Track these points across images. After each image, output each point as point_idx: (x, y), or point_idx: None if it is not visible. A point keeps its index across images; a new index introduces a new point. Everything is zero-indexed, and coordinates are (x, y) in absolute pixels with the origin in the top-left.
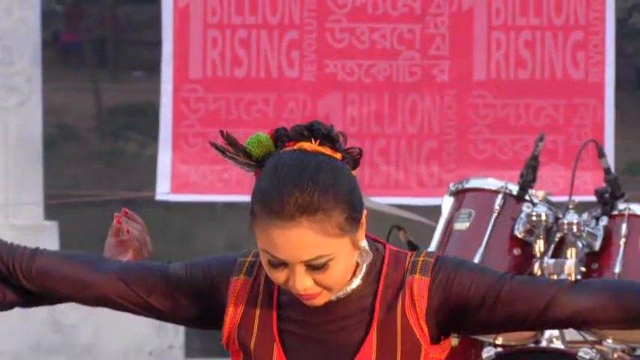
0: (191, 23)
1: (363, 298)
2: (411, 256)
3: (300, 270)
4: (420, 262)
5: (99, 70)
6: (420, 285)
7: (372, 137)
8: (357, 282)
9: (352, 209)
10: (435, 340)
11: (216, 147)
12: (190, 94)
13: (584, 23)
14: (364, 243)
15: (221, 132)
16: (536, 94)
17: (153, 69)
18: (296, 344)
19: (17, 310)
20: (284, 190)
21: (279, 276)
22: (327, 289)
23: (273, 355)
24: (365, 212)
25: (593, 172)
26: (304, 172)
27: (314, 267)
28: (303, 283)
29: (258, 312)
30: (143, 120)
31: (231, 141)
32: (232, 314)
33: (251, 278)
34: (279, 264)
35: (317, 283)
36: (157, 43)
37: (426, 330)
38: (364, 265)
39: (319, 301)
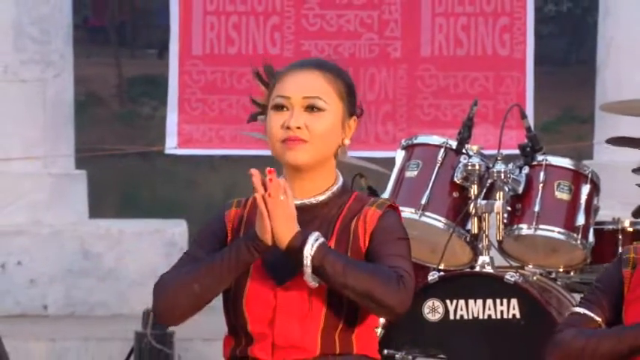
0: (193, 10)
1: (329, 213)
2: (371, 198)
3: (299, 109)
4: (377, 201)
5: (119, 48)
6: (372, 214)
7: None
8: (328, 194)
9: (352, 96)
10: None
11: (259, 78)
12: (193, 67)
13: (509, 10)
14: (347, 142)
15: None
16: (471, 67)
17: (163, 47)
18: (272, 250)
19: (52, 241)
20: (306, 59)
21: (279, 118)
22: (311, 141)
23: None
24: (355, 119)
25: (517, 130)
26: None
27: (311, 107)
28: (298, 120)
29: (242, 230)
30: (155, 88)
31: (268, 69)
32: (230, 238)
33: (240, 208)
34: (283, 105)
35: (307, 126)
36: (166, 26)
37: (367, 242)
38: (336, 186)
39: (301, 155)
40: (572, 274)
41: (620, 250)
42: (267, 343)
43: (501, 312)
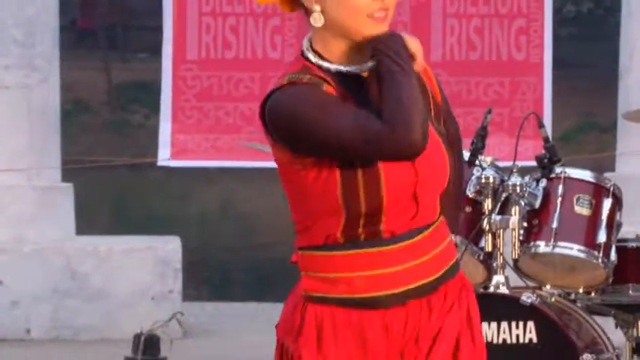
0: (188, 11)
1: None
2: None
3: None
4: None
5: (109, 51)
6: (427, 67)
7: None
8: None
9: None
10: None
11: None
12: (187, 72)
13: (525, 12)
14: None
15: None
16: (484, 72)
17: (155, 51)
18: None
19: (36, 259)
20: None
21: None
22: (389, 12)
23: None
24: None
25: (534, 140)
26: None
27: None
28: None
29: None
30: (147, 95)
31: None
32: None
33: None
34: None
35: (392, 5)
36: (159, 29)
37: (439, 98)
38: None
39: (385, 28)
40: (592, 294)
41: None
42: (404, 219)
43: (517, 336)
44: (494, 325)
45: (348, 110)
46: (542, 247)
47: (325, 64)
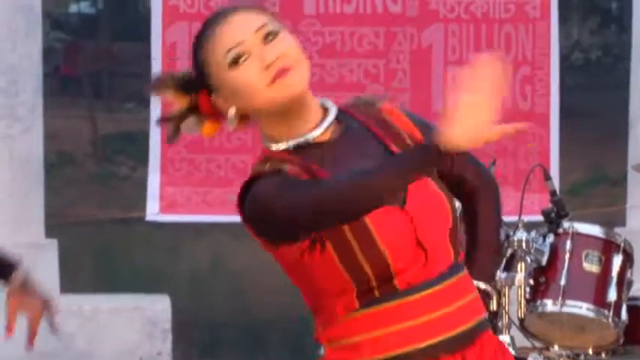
0: (178, 58)
1: (353, 126)
2: (362, 98)
3: (259, 45)
4: (376, 97)
5: (95, 100)
6: (392, 106)
7: None
8: (334, 111)
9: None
10: None
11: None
12: None
13: (531, 59)
14: None
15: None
16: None
17: (143, 99)
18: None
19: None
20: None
21: (248, 68)
22: (293, 64)
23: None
24: None
25: (540, 194)
26: None
27: (267, 36)
28: (271, 53)
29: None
30: (134, 146)
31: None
32: None
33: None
34: (240, 55)
35: (282, 54)
36: (147, 76)
37: (419, 135)
38: (334, 107)
39: (296, 79)
40: (603, 355)
41: None
42: (417, 268)
43: None
44: None
45: (298, 185)
46: (549, 305)
47: (277, 146)
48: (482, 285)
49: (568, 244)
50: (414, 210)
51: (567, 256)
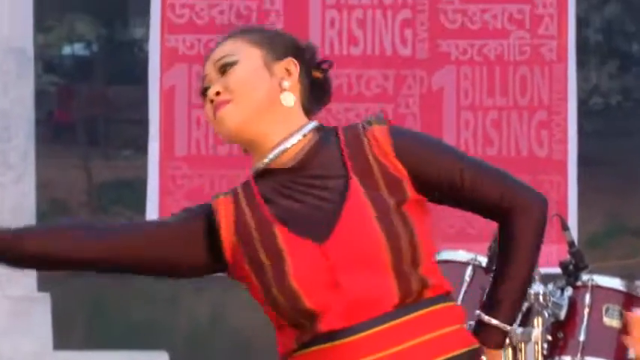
0: (176, 103)
1: (328, 152)
2: (359, 123)
3: (216, 79)
4: (371, 119)
5: (90, 147)
6: (380, 131)
7: None
8: (297, 137)
9: (274, 40)
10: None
11: None
12: (176, 170)
13: (547, 104)
14: (286, 84)
15: None
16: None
17: (140, 147)
18: (292, 215)
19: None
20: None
21: (205, 101)
22: (233, 98)
23: (277, 237)
24: (293, 61)
25: (558, 244)
26: None
27: (223, 68)
28: (215, 87)
29: (248, 212)
30: (131, 195)
31: None
32: (226, 226)
33: (230, 194)
34: (205, 88)
35: (226, 87)
36: (144, 122)
37: (400, 166)
38: (309, 126)
39: (228, 116)
40: None
41: None
42: (337, 310)
43: None
44: None
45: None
46: None
47: (252, 171)
48: (494, 321)
49: (587, 298)
50: (334, 248)
51: (586, 310)
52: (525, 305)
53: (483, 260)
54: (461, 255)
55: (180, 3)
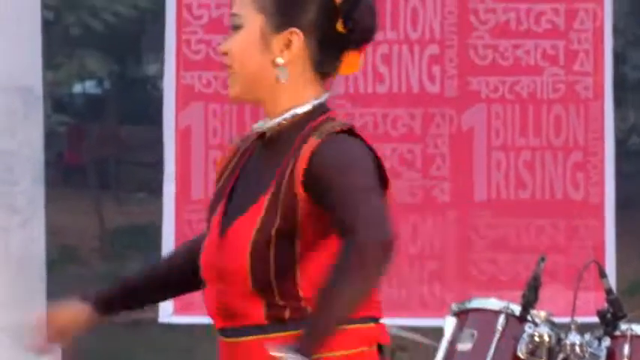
0: (193, 143)
1: (286, 143)
2: (329, 123)
3: (229, 31)
4: (326, 126)
5: (101, 190)
6: (308, 147)
7: None
8: (277, 120)
9: (285, 6)
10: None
11: None
12: (192, 214)
13: (583, 144)
14: (280, 61)
15: None
16: (536, 214)
17: (155, 189)
18: (236, 191)
19: None
20: None
21: None
22: (231, 62)
23: (216, 210)
24: (295, 32)
25: (595, 292)
26: None
27: (233, 29)
28: (223, 46)
29: (232, 163)
30: (145, 241)
31: None
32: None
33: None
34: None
35: (228, 50)
36: (159, 164)
37: (302, 193)
38: (295, 111)
39: (232, 88)
40: None
41: None
42: (214, 308)
43: None
44: None
45: None
46: None
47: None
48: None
49: (626, 349)
50: (221, 247)
51: None
52: (561, 356)
53: (516, 309)
54: (492, 303)
55: (196, 38)
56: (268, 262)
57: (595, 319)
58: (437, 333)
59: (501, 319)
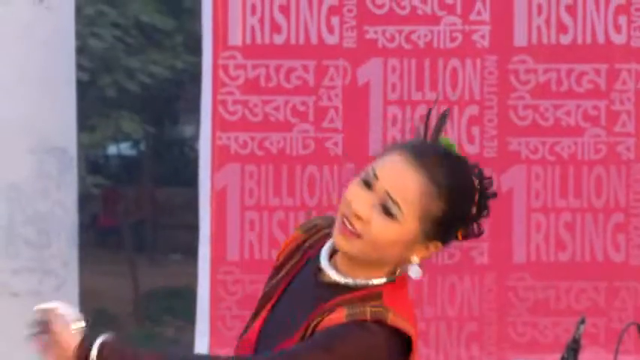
0: (228, 205)
1: (329, 291)
2: (379, 297)
3: (374, 199)
4: (363, 308)
5: (136, 253)
6: (334, 319)
7: None
8: (358, 284)
9: (444, 224)
10: None
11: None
12: (227, 276)
13: (624, 206)
14: (415, 261)
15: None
16: (576, 276)
17: (190, 252)
18: (286, 299)
19: None
20: (428, 146)
21: (354, 193)
22: (364, 238)
23: (261, 314)
24: (439, 246)
25: (636, 355)
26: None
27: (383, 209)
28: (364, 209)
29: (291, 262)
30: (180, 304)
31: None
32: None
33: (304, 234)
34: (369, 185)
35: (369, 222)
36: (194, 226)
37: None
38: (370, 282)
39: (348, 244)
40: None
41: None
42: None
43: None
44: None
45: None
46: None
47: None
48: None
49: None
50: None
51: None
52: None
53: None
54: None
55: (232, 99)
56: None
57: None
58: None
59: None
